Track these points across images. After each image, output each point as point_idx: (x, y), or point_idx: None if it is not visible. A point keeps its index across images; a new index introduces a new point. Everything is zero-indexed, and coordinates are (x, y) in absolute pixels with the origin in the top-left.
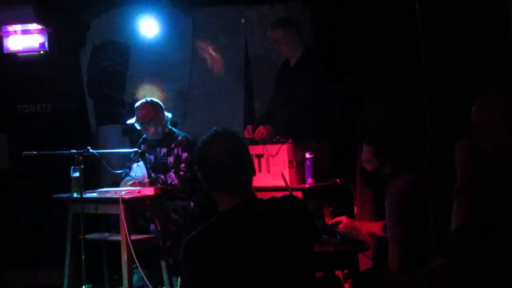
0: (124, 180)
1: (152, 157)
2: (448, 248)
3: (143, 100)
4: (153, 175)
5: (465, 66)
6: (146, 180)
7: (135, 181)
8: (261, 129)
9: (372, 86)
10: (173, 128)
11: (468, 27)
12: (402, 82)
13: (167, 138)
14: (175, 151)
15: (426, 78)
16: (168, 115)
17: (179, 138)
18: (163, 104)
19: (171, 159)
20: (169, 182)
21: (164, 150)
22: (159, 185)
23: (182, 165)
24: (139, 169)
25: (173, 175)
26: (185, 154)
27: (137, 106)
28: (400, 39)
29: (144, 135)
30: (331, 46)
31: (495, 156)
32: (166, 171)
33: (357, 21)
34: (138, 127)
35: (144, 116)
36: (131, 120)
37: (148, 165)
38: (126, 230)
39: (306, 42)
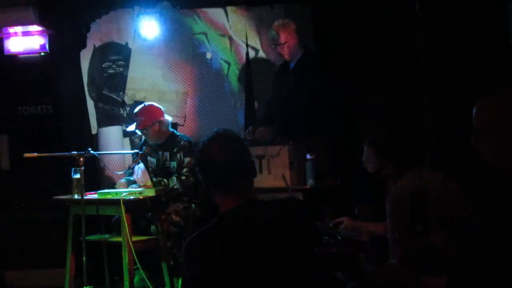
0: (120, 182)
1: (154, 160)
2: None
3: (141, 106)
4: (154, 178)
5: (465, 66)
6: (148, 181)
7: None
8: (261, 130)
9: (373, 87)
10: (175, 132)
11: (468, 28)
12: (402, 82)
13: (169, 142)
14: (178, 156)
15: (426, 78)
16: (169, 118)
17: (182, 142)
18: (163, 106)
19: (174, 164)
20: (171, 186)
21: (166, 154)
22: (161, 188)
23: (184, 170)
24: (140, 171)
25: (175, 179)
26: (187, 159)
27: (136, 112)
28: (400, 39)
29: None
30: (331, 47)
31: (495, 160)
32: (168, 175)
33: (357, 22)
34: (139, 133)
35: (143, 123)
36: (131, 127)
37: (150, 169)
38: (127, 232)
39: (306, 44)
